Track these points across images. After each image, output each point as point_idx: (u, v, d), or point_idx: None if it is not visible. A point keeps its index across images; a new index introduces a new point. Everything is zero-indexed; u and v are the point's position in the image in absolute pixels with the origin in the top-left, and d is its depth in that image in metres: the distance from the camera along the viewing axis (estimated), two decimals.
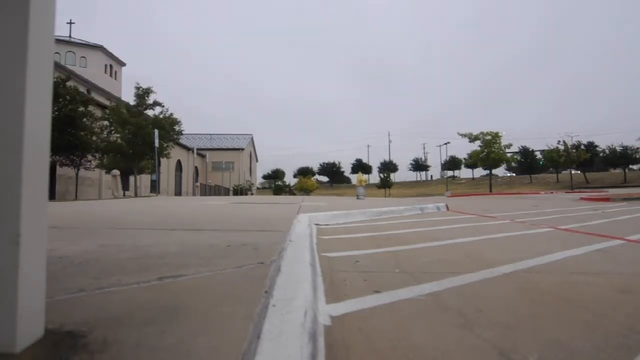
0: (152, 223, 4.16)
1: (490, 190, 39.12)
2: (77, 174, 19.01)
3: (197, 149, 42.62)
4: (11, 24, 0.88)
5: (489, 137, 37.15)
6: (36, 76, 0.91)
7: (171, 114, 21.62)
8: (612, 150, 57.97)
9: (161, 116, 21.31)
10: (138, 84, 21.36)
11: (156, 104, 21.34)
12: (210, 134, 52.26)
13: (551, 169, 59.22)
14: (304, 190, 49.61)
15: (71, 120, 16.62)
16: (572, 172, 49.33)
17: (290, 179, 73.23)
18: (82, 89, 20.91)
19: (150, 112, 21.36)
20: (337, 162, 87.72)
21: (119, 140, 19.85)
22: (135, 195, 20.31)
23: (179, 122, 21.91)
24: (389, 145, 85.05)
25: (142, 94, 21.04)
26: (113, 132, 19.89)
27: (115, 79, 34.99)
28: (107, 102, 22.47)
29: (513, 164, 53.76)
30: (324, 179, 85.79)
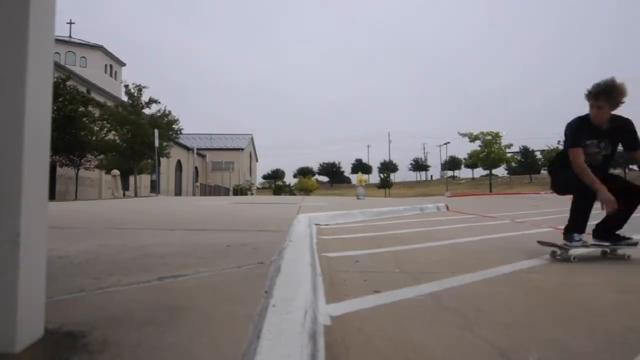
0: (152, 223, 4.17)
1: (490, 190, 39.14)
2: (77, 174, 19.00)
3: (197, 149, 42.59)
4: (11, 24, 0.88)
5: (489, 137, 37.22)
6: (36, 76, 0.91)
7: (169, 112, 21.44)
8: None
9: (158, 114, 21.18)
10: (124, 81, 21.22)
11: (152, 101, 21.19)
12: (210, 134, 52.23)
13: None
14: (304, 190, 49.66)
15: (71, 120, 16.64)
16: None
17: (290, 179, 73.30)
18: (82, 89, 20.87)
19: (147, 111, 21.25)
20: (337, 162, 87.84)
21: (117, 140, 19.81)
22: (135, 195, 20.29)
23: (177, 120, 21.77)
24: (389, 145, 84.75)
25: (134, 92, 20.86)
26: (111, 131, 19.81)
27: (115, 79, 34.97)
28: (107, 102, 22.38)
29: (513, 164, 53.81)
30: (324, 179, 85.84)
